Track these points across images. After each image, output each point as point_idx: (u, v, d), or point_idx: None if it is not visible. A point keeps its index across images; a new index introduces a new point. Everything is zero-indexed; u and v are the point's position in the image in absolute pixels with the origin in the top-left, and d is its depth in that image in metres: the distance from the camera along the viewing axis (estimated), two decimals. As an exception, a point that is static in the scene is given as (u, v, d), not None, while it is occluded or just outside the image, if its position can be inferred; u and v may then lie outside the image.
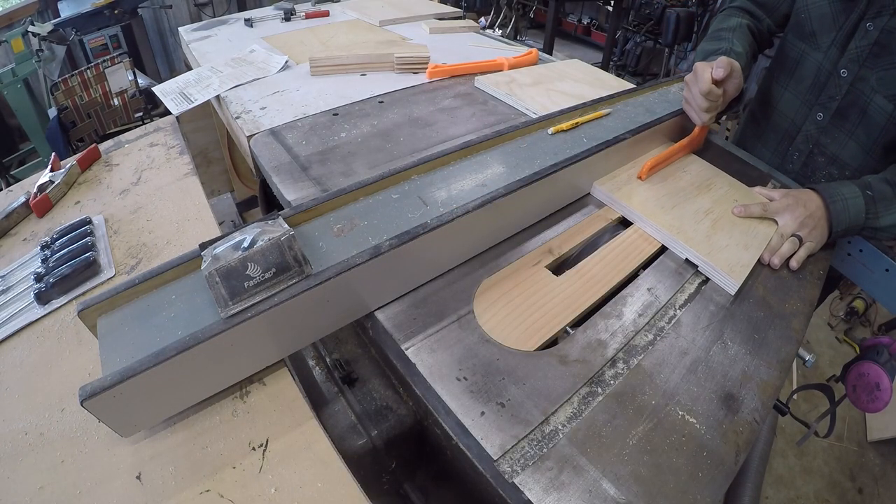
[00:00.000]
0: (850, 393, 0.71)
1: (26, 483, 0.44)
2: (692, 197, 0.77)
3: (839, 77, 0.84)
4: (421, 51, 1.08)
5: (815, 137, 0.91)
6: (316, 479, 0.44)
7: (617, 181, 0.78)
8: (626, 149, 0.79)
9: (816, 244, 0.73)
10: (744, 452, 0.47)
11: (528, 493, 0.41)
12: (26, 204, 0.78)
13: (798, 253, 0.71)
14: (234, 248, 0.45)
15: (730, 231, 0.72)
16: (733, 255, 0.67)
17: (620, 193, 0.75)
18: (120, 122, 2.29)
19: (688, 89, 0.82)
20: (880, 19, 0.77)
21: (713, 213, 0.75)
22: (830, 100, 0.87)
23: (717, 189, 0.80)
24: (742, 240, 0.71)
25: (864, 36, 0.79)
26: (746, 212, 0.75)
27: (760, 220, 0.75)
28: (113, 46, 2.96)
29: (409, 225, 0.55)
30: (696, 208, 0.75)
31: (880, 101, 0.80)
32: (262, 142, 0.80)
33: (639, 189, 0.77)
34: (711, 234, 0.70)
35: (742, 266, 0.66)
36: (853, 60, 0.82)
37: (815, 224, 0.73)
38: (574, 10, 5.16)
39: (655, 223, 0.70)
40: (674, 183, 0.80)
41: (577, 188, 0.75)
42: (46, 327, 0.60)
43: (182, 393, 0.46)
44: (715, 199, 0.78)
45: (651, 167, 0.79)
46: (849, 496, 1.64)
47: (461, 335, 0.53)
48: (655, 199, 0.75)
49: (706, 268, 0.66)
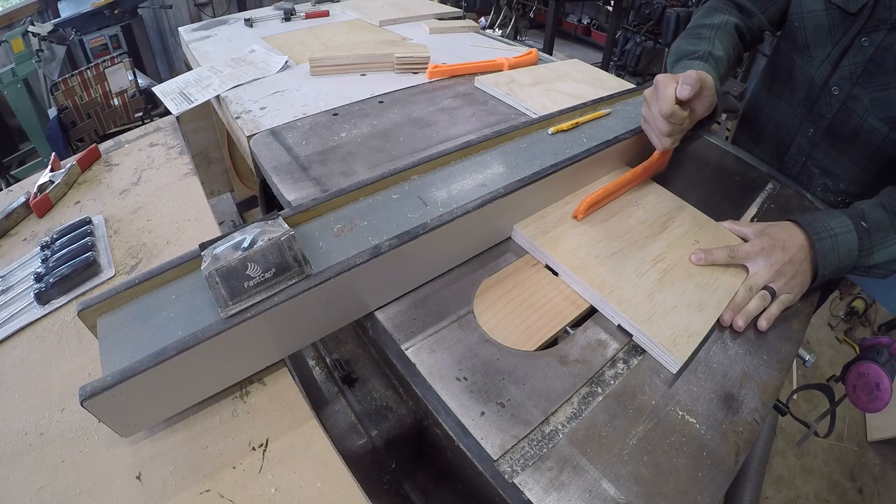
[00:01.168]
0: (850, 393, 0.71)
1: (26, 483, 0.44)
2: (641, 240, 0.65)
3: (830, 94, 0.78)
4: (421, 51, 1.08)
5: (808, 151, 0.87)
6: (316, 479, 0.44)
7: (546, 222, 0.65)
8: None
9: (795, 296, 0.61)
10: (744, 452, 0.47)
11: (528, 493, 0.41)
12: (26, 204, 0.78)
13: (770, 310, 0.59)
14: (234, 248, 0.45)
15: (683, 285, 0.59)
16: (681, 321, 0.54)
17: (546, 239, 0.62)
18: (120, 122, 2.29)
19: (646, 107, 0.68)
20: (877, 34, 0.70)
21: (665, 260, 0.62)
22: (821, 117, 0.82)
23: (676, 227, 0.67)
24: (697, 297, 0.58)
25: (859, 52, 0.73)
26: (708, 259, 0.62)
27: (725, 269, 0.62)
28: (113, 46, 2.96)
29: (409, 225, 0.55)
30: (644, 255, 0.62)
31: (874, 122, 0.74)
32: (262, 142, 0.80)
33: (572, 232, 0.64)
34: (657, 290, 0.57)
35: (690, 336, 0.53)
36: (845, 78, 0.75)
37: (796, 271, 0.61)
38: (574, 10, 5.15)
39: (583, 279, 0.57)
40: (621, 221, 0.67)
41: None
42: (46, 327, 0.60)
43: (182, 393, 0.46)
44: (671, 241, 0.65)
45: (591, 204, 0.66)
46: (849, 496, 1.64)
47: (461, 335, 0.53)
48: (590, 246, 0.62)
49: (641, 339, 0.54)
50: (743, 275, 0.62)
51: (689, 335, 0.53)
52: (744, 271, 0.63)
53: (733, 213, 0.77)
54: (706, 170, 0.87)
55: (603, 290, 0.56)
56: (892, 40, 0.69)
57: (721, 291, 0.59)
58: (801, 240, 0.62)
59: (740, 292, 0.60)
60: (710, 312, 0.57)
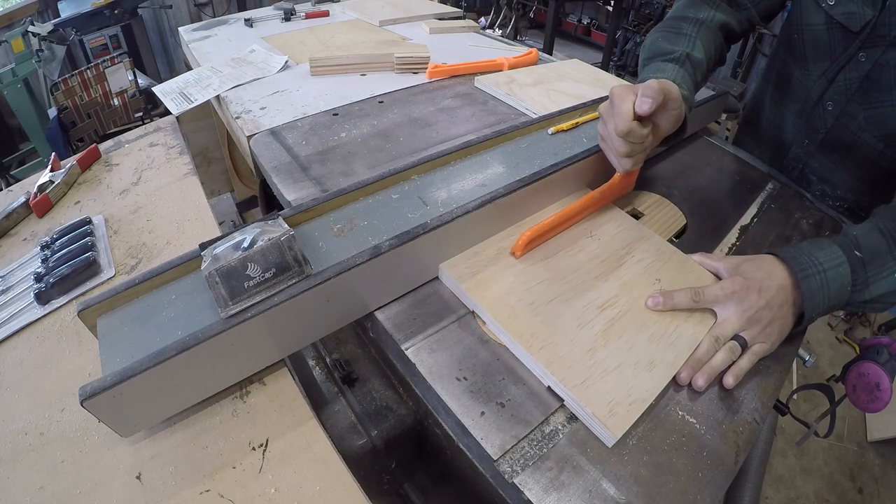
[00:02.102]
0: (850, 393, 0.71)
1: (26, 483, 0.44)
2: (590, 280, 0.55)
3: (824, 109, 0.77)
4: (421, 51, 1.08)
5: (804, 160, 0.86)
6: (316, 479, 0.44)
7: (478, 259, 0.56)
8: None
9: (771, 345, 0.53)
10: (744, 452, 0.47)
11: (528, 493, 0.41)
12: (26, 204, 0.78)
13: (739, 363, 0.51)
14: (234, 248, 0.45)
15: (633, 337, 0.50)
16: (623, 384, 0.46)
17: (474, 282, 0.53)
18: (120, 122, 2.29)
19: (602, 124, 0.60)
20: (874, 50, 0.68)
21: (615, 306, 0.52)
22: (815, 131, 0.81)
23: (635, 263, 0.58)
24: (648, 353, 0.48)
25: (856, 67, 0.71)
26: (667, 303, 0.53)
27: (689, 315, 0.53)
28: (113, 46, 2.96)
29: (409, 225, 0.55)
30: (590, 300, 0.53)
31: (869, 139, 0.73)
32: (262, 142, 0.80)
33: (507, 272, 0.55)
34: (600, 345, 0.48)
35: (632, 404, 0.44)
36: (840, 93, 0.74)
37: (773, 317, 0.52)
38: (574, 10, 5.15)
39: (509, 331, 0.49)
40: (569, 257, 0.58)
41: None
42: (46, 327, 0.60)
43: (182, 393, 0.46)
44: (626, 280, 0.56)
45: (532, 239, 0.56)
46: (849, 496, 1.64)
47: (461, 335, 0.53)
48: (526, 289, 0.53)
49: (573, 405, 0.45)
50: (710, 321, 0.53)
51: (631, 403, 0.44)
52: (711, 317, 0.53)
53: (733, 213, 0.77)
54: (706, 170, 0.87)
55: (532, 346, 0.47)
56: (889, 57, 0.66)
57: (680, 344, 0.49)
58: (781, 278, 0.54)
59: (704, 344, 0.50)
60: (661, 372, 0.47)
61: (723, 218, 0.76)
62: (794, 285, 0.54)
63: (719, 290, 0.53)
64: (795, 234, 0.75)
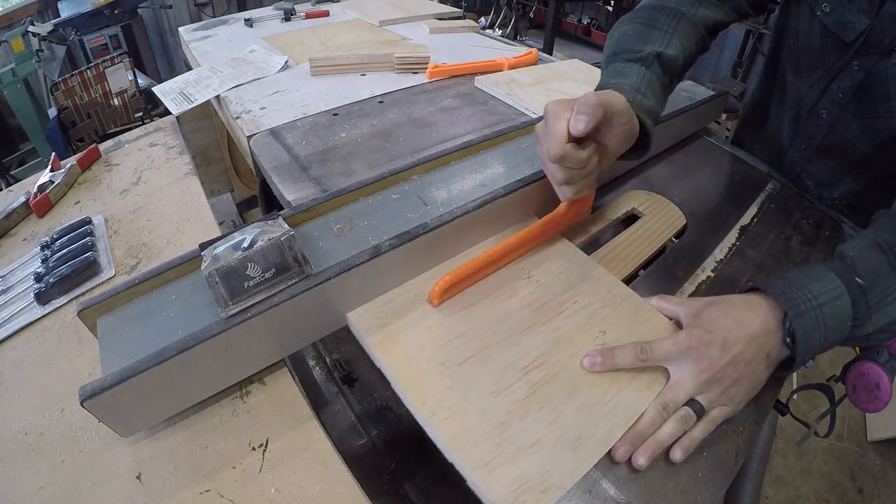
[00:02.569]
0: (850, 393, 0.70)
1: (26, 483, 0.44)
2: (517, 334, 0.47)
3: (819, 117, 0.76)
4: (421, 51, 1.08)
5: (802, 164, 0.86)
6: (316, 479, 0.44)
7: (391, 307, 0.49)
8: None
9: (735, 407, 0.45)
10: (744, 452, 0.47)
11: (528, 494, 0.41)
12: (26, 204, 0.78)
13: (691, 433, 0.43)
14: (234, 248, 0.45)
15: (560, 405, 0.42)
16: (538, 466, 0.38)
17: (382, 336, 0.47)
18: (120, 122, 2.29)
19: (539, 146, 0.52)
20: (868, 59, 0.66)
21: (544, 365, 0.45)
22: (811, 138, 0.80)
23: (575, 312, 0.50)
24: (575, 426, 0.41)
25: (849, 76, 0.69)
26: (607, 363, 0.45)
27: (634, 375, 0.45)
28: (113, 46, 2.96)
29: (409, 225, 0.55)
30: (514, 359, 0.45)
31: (865, 147, 0.71)
32: (262, 142, 0.80)
33: (421, 324, 0.48)
34: (517, 416, 0.41)
35: (544, 491, 0.37)
36: (834, 103, 0.72)
37: (740, 375, 0.44)
38: (574, 10, 5.15)
39: (411, 397, 0.42)
40: (497, 305, 0.50)
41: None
42: (46, 327, 0.60)
43: (182, 393, 0.46)
44: (563, 333, 0.47)
45: (451, 285, 0.49)
46: (849, 496, 1.63)
47: (461, 335, 0.52)
48: (439, 345, 0.46)
49: (475, 489, 0.38)
50: (660, 384, 0.44)
51: (544, 490, 0.37)
52: (662, 379, 0.45)
53: (733, 213, 0.77)
54: (706, 170, 0.87)
55: (434, 416, 0.40)
56: (881, 67, 0.64)
57: (618, 414, 0.42)
58: (756, 325, 0.45)
59: (649, 413, 0.42)
60: (587, 451, 0.40)
61: (723, 218, 0.76)
62: (777, 327, 0.45)
63: (671, 345, 0.44)
64: (795, 233, 0.75)
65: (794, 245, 0.74)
